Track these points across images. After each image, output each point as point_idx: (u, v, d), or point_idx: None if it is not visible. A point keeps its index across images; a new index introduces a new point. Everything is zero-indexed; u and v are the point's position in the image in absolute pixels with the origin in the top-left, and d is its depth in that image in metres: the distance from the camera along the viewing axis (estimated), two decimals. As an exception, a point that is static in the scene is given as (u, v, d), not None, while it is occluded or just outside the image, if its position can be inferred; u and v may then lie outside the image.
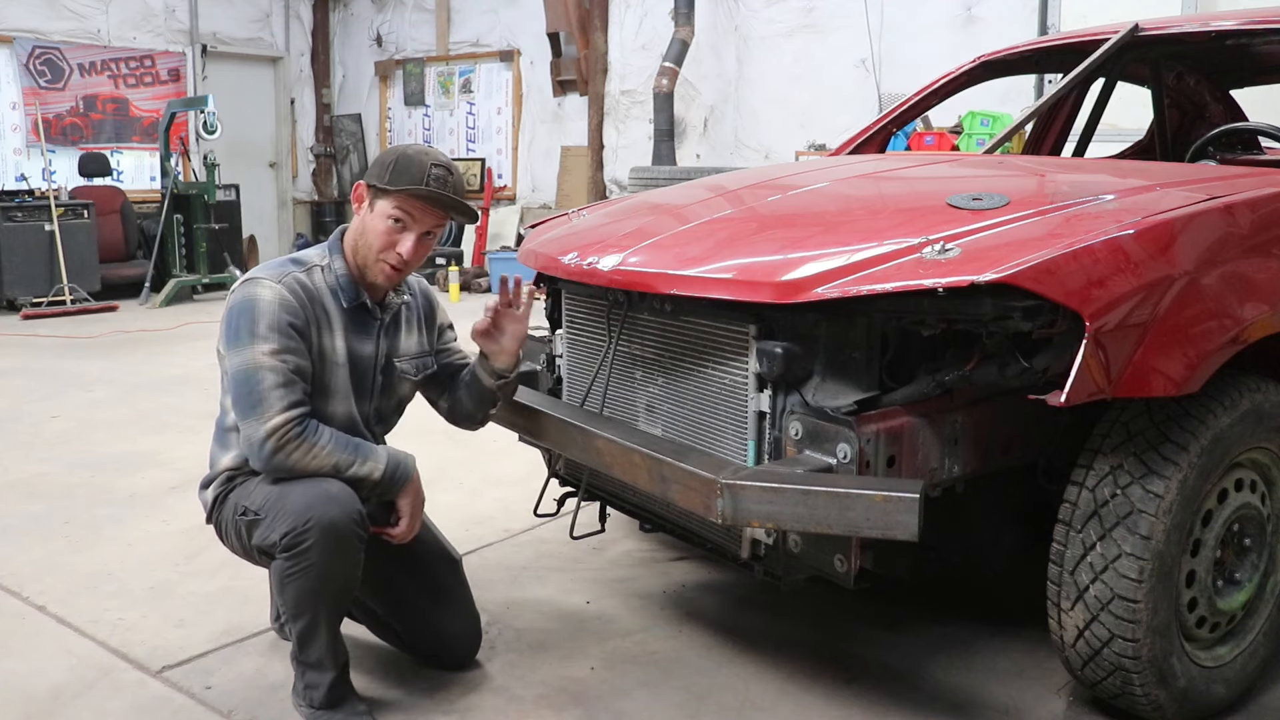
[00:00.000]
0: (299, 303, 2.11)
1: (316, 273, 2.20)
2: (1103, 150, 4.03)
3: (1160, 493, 1.96)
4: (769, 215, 2.51)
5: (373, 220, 2.18)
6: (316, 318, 2.15)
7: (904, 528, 1.78)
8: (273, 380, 2.04)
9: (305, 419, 2.05)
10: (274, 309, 2.07)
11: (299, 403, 2.05)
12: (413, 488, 2.22)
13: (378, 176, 2.18)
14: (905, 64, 7.43)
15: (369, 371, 2.28)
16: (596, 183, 9.38)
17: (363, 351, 2.25)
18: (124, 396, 5.28)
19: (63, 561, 3.10)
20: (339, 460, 2.07)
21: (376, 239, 2.17)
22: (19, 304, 8.04)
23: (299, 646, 2.13)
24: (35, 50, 9.48)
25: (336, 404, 2.21)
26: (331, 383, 2.20)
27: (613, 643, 2.59)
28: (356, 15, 11.78)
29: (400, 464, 2.18)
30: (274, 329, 2.06)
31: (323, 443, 2.06)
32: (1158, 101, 3.67)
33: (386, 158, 2.19)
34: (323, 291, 2.19)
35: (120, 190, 9.49)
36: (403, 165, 2.16)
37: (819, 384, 2.08)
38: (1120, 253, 1.88)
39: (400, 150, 2.20)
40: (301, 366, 2.09)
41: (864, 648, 2.55)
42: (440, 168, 2.18)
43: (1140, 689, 2.04)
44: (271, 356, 2.05)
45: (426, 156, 2.18)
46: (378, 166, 2.19)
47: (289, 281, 2.13)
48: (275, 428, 2.02)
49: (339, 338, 2.19)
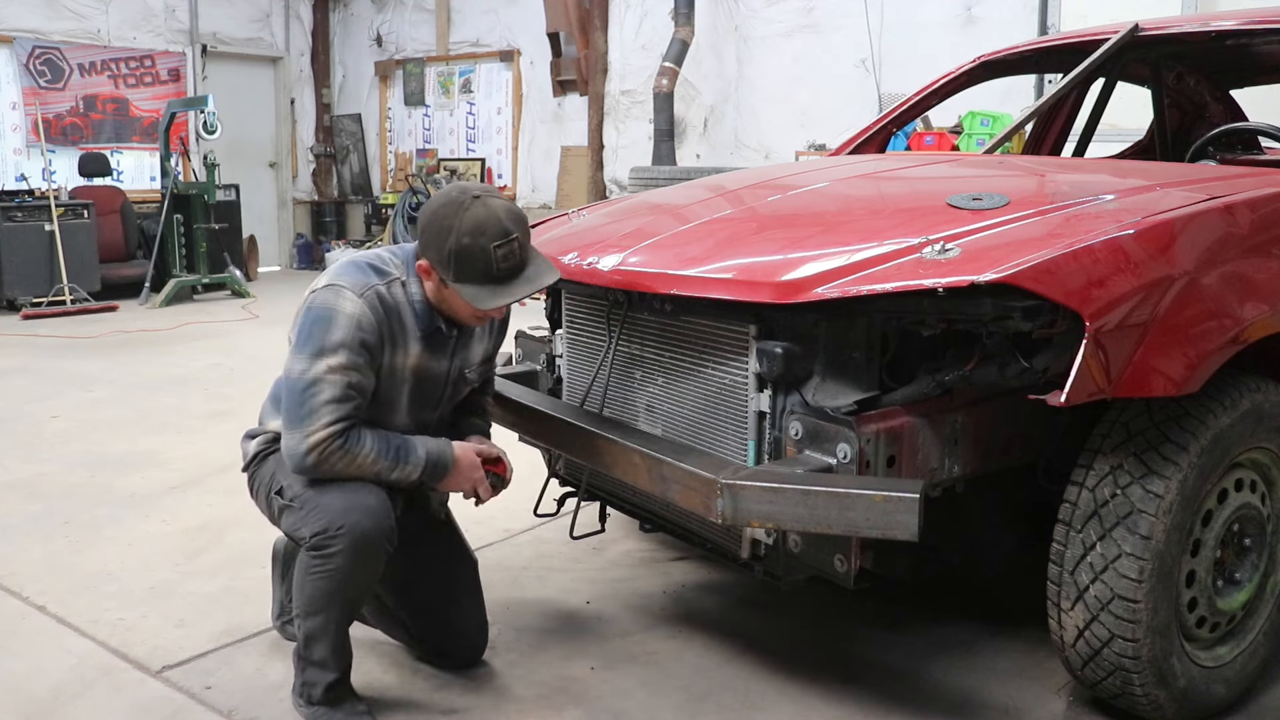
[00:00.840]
0: (377, 320, 2.06)
1: (396, 286, 2.12)
2: (1103, 150, 4.03)
3: (1160, 493, 1.96)
4: (769, 215, 2.51)
5: (452, 298, 2.10)
6: (392, 335, 2.11)
7: (904, 528, 1.78)
8: (328, 395, 2.01)
9: (349, 430, 2.03)
10: (350, 325, 2.02)
11: (347, 417, 2.02)
12: (455, 477, 2.19)
13: (439, 266, 2.05)
14: (905, 64, 7.42)
15: (439, 386, 2.26)
16: (596, 183, 9.37)
17: (435, 369, 2.22)
18: (124, 396, 5.28)
19: (63, 561, 3.10)
20: (380, 469, 2.06)
21: (463, 311, 2.12)
22: (19, 304, 8.03)
23: (305, 643, 2.13)
24: (35, 50, 9.48)
25: (397, 416, 2.20)
26: (395, 397, 2.18)
27: (613, 643, 2.59)
28: (356, 15, 11.78)
29: (437, 462, 2.15)
30: (345, 345, 2.02)
31: (365, 451, 2.04)
32: (1158, 101, 3.67)
33: (441, 243, 2.02)
34: (401, 307, 2.12)
35: (120, 190, 9.48)
36: (464, 260, 2.01)
37: (819, 384, 2.08)
38: (1120, 253, 1.88)
39: (452, 234, 2.00)
40: (362, 384, 2.05)
41: (864, 648, 2.55)
42: (505, 245, 2.01)
43: (1140, 689, 2.04)
44: (334, 372, 2.01)
45: (485, 238, 1.99)
46: (433, 249, 2.05)
47: (370, 296, 2.06)
48: (318, 442, 2.00)
49: (410, 356, 2.15)
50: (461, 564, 2.45)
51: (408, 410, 2.21)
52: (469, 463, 2.22)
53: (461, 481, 2.22)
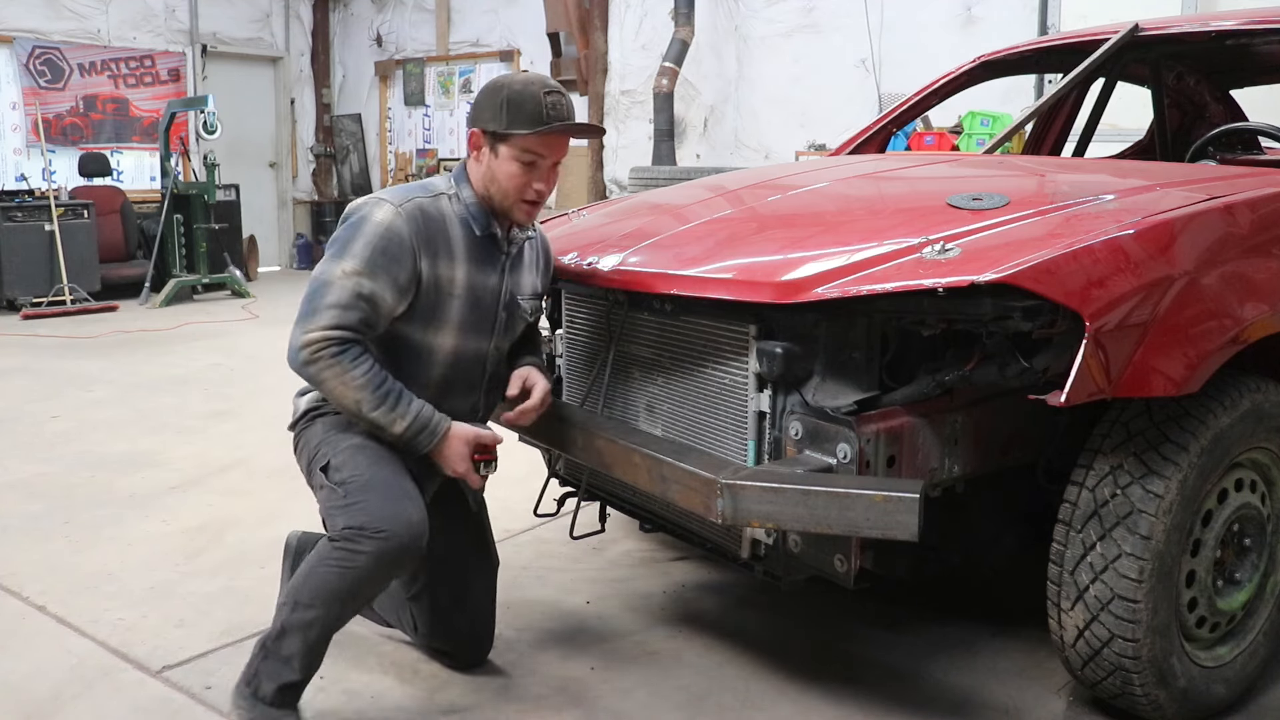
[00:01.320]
0: (412, 229, 2.05)
1: (444, 200, 2.14)
2: (1103, 150, 4.03)
3: (1160, 493, 1.96)
4: (769, 215, 2.51)
5: (500, 165, 2.12)
6: (433, 245, 2.09)
7: (904, 528, 1.78)
8: (334, 297, 1.99)
9: (349, 343, 1.99)
10: (377, 232, 2.02)
11: (349, 325, 1.99)
12: (443, 453, 2.11)
13: (492, 120, 2.10)
14: (905, 64, 7.42)
15: (493, 306, 2.22)
16: (596, 183, 9.37)
17: (486, 284, 2.19)
18: (124, 396, 5.28)
19: (63, 561, 3.10)
20: (363, 399, 2.00)
21: (510, 182, 2.11)
22: (19, 304, 8.03)
23: (279, 633, 2.01)
24: (35, 50, 9.48)
25: (446, 336, 2.16)
26: (444, 313, 2.14)
27: (613, 643, 2.59)
28: (356, 15, 11.78)
29: (425, 426, 2.07)
30: (366, 249, 2.01)
31: (356, 374, 1.98)
32: (1158, 101, 3.67)
33: (494, 98, 2.10)
34: (449, 220, 2.13)
35: (120, 190, 9.49)
36: (515, 103, 2.07)
37: (819, 384, 2.08)
38: (1120, 253, 1.88)
39: (505, 85, 2.10)
40: (375, 294, 2.02)
41: (864, 648, 2.55)
42: (553, 94, 2.10)
43: (1140, 689, 2.04)
44: (347, 276, 1.99)
45: (534, 86, 2.09)
46: (488, 110, 2.11)
47: (410, 208, 2.07)
48: (312, 341, 1.98)
49: (459, 268, 2.13)
50: (482, 566, 2.41)
51: (458, 330, 2.17)
52: (458, 450, 2.13)
53: (448, 462, 2.15)
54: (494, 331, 2.25)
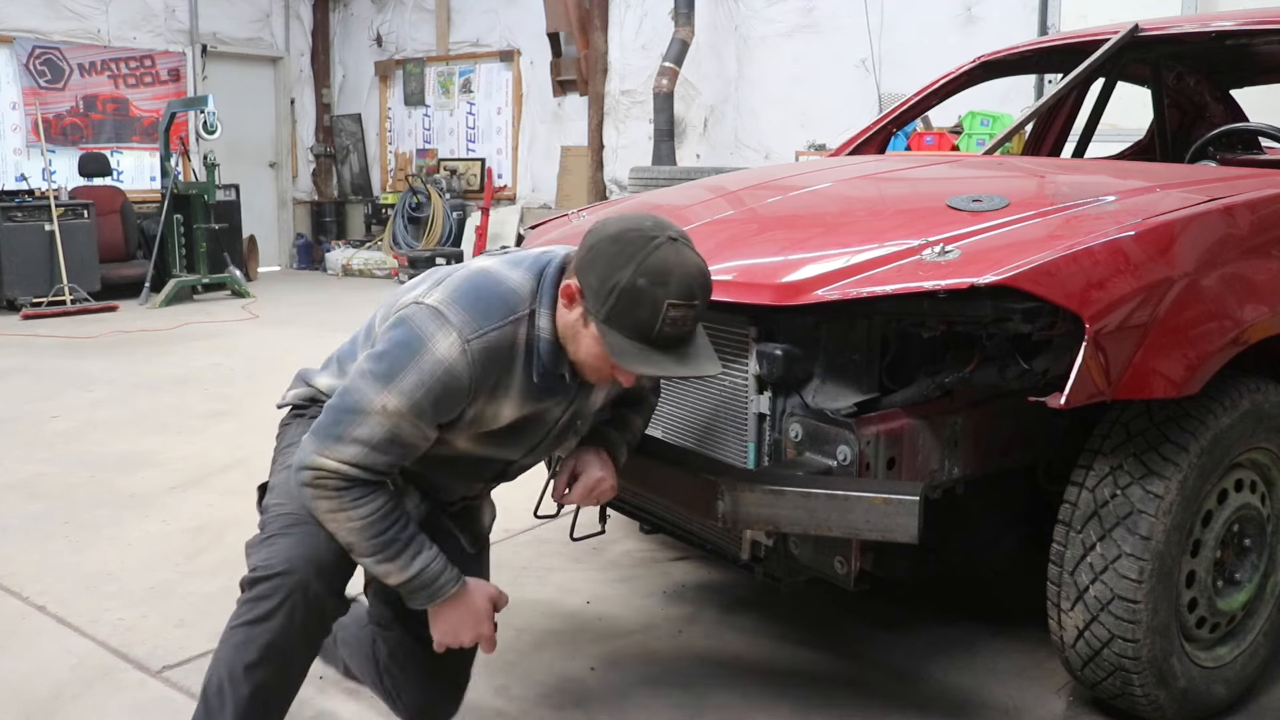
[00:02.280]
0: (475, 374, 1.70)
1: (523, 326, 1.75)
2: (1103, 150, 4.03)
3: (1160, 493, 1.96)
4: (769, 216, 2.52)
5: (585, 340, 1.71)
6: (492, 387, 1.75)
7: (904, 530, 1.78)
8: (366, 433, 1.67)
9: (358, 484, 1.69)
10: (435, 373, 1.67)
11: (371, 468, 1.69)
12: (455, 613, 1.78)
13: (594, 297, 1.66)
14: (905, 64, 7.42)
15: (540, 430, 1.89)
16: (596, 183, 9.37)
17: (544, 416, 1.86)
18: (124, 396, 5.28)
19: (63, 561, 3.10)
20: (355, 542, 1.70)
21: (591, 359, 1.73)
22: (19, 304, 8.03)
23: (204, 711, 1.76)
24: (35, 50, 9.47)
25: (459, 442, 1.84)
26: (478, 440, 1.84)
27: (613, 643, 2.59)
28: (356, 15, 11.78)
29: (429, 585, 1.74)
30: (418, 390, 1.67)
31: (356, 515, 1.69)
32: (1158, 101, 3.67)
33: (609, 270, 1.63)
34: (518, 354, 1.75)
35: (120, 190, 9.48)
36: (627, 302, 1.62)
37: (819, 386, 2.08)
38: (1120, 254, 1.88)
39: (629, 266, 1.62)
40: (411, 439, 1.71)
41: (864, 648, 2.55)
42: (681, 309, 1.63)
43: (1140, 689, 2.05)
44: (387, 415, 1.67)
45: (666, 290, 1.61)
46: (595, 277, 1.65)
47: (476, 348, 1.69)
48: (323, 468, 1.68)
49: (509, 405, 1.79)
50: None
51: (476, 443, 1.85)
52: (476, 607, 1.79)
53: (460, 624, 1.79)
54: (528, 448, 1.92)
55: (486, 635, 1.83)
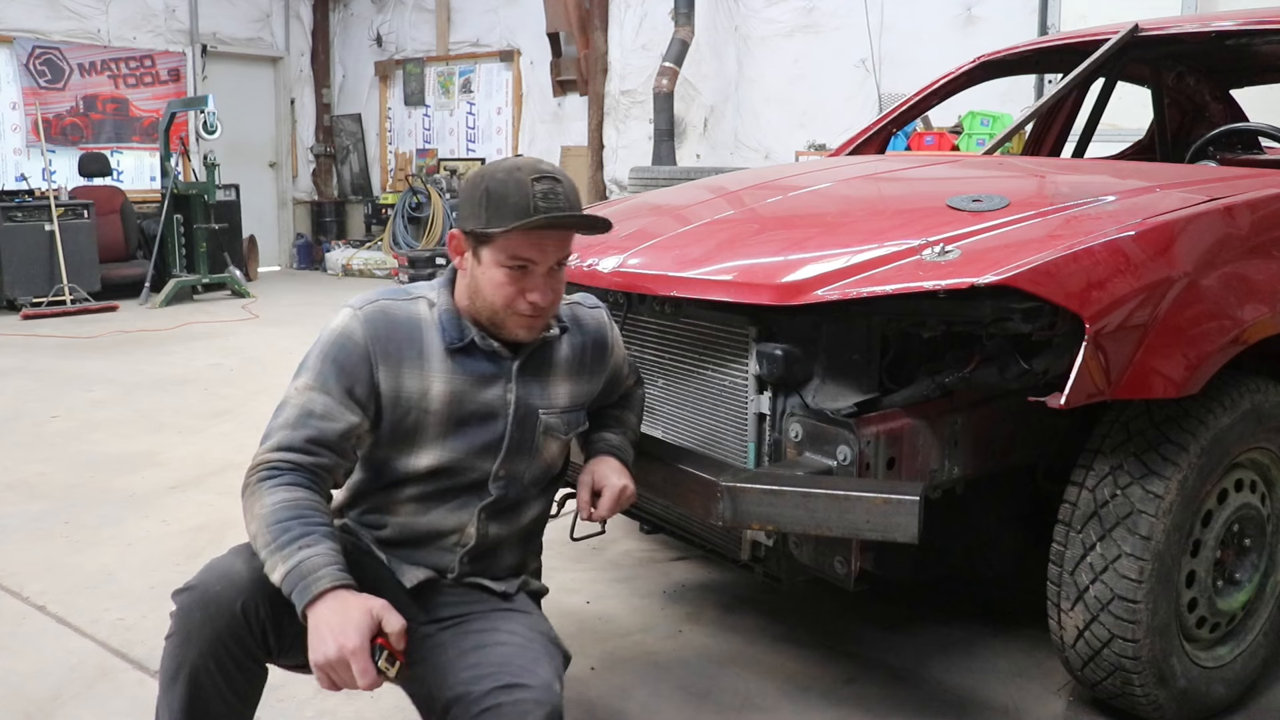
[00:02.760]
0: (370, 334, 1.74)
1: (421, 304, 1.81)
2: (1103, 150, 4.03)
3: (1160, 493, 1.96)
4: (769, 216, 2.52)
5: (484, 273, 1.74)
6: (399, 355, 1.75)
7: (904, 530, 1.78)
8: (284, 416, 1.69)
9: (285, 470, 1.64)
10: (331, 339, 1.74)
11: (293, 446, 1.66)
12: (317, 627, 1.49)
13: (472, 218, 1.72)
14: (905, 64, 7.42)
15: (492, 421, 1.81)
16: (596, 183, 9.37)
17: (479, 398, 1.79)
18: (124, 396, 5.28)
19: (63, 561, 3.10)
20: (256, 533, 1.60)
21: (497, 293, 1.73)
22: (19, 304, 8.03)
23: None
24: (35, 50, 9.48)
25: (422, 457, 1.78)
26: (418, 433, 1.77)
27: (613, 643, 2.59)
28: (356, 15, 11.78)
29: (298, 581, 1.52)
30: (319, 360, 1.73)
31: (265, 503, 1.60)
32: (1158, 101, 3.67)
33: (474, 192, 1.73)
34: (424, 325, 1.78)
35: (120, 190, 9.48)
36: (498, 196, 1.69)
37: (819, 386, 2.08)
38: (1120, 254, 1.88)
39: (487, 176, 1.73)
40: (330, 410, 1.69)
41: (864, 648, 2.55)
42: (545, 180, 1.71)
43: (1140, 689, 2.05)
44: (300, 392, 1.71)
45: (522, 173, 1.71)
46: (468, 205, 1.74)
47: (370, 309, 1.76)
48: (252, 466, 1.66)
49: (433, 379, 1.76)
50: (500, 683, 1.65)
51: (439, 450, 1.78)
52: (349, 616, 1.49)
53: (325, 634, 1.47)
54: (501, 453, 1.82)
55: (351, 649, 1.45)
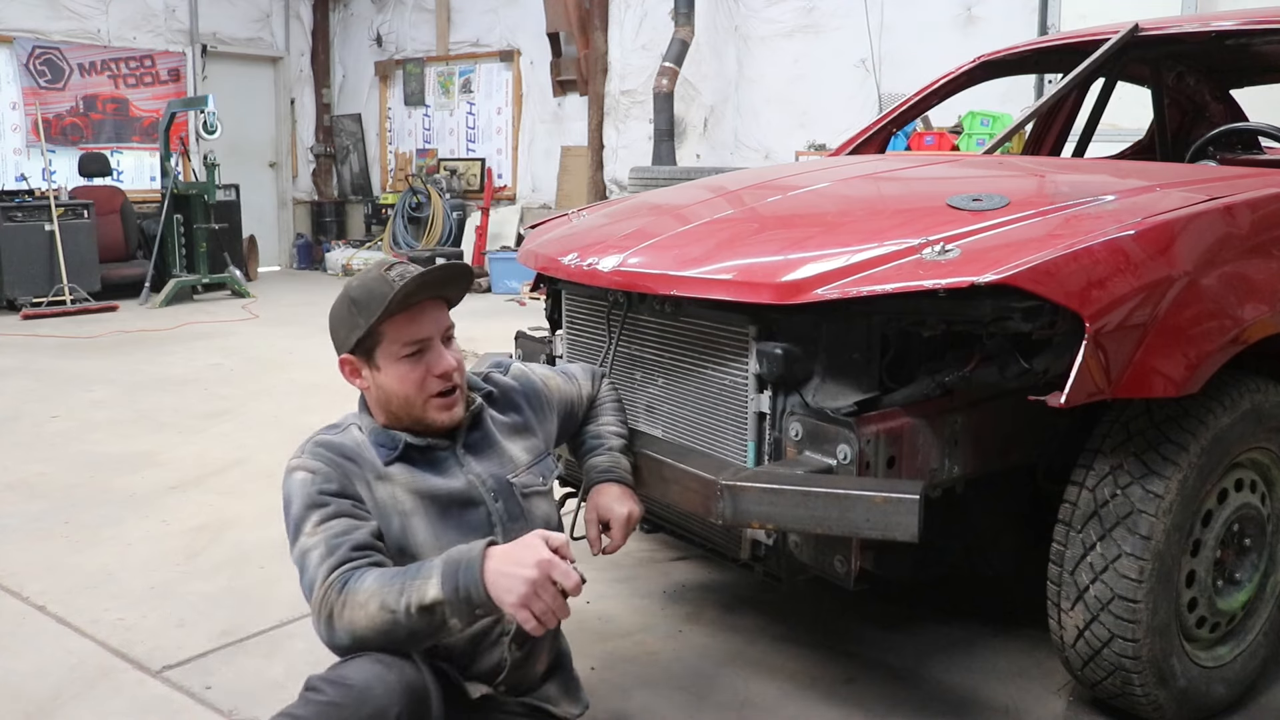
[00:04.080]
0: (326, 461, 1.81)
1: (353, 429, 1.89)
2: (1103, 150, 4.03)
3: (1160, 493, 1.96)
4: (769, 216, 2.51)
5: (386, 376, 1.83)
6: (361, 473, 1.82)
7: (904, 529, 1.78)
8: (317, 555, 1.72)
9: (349, 573, 1.69)
10: (301, 486, 1.79)
11: (343, 561, 1.70)
12: (508, 570, 1.61)
13: (350, 332, 1.83)
14: (905, 64, 7.43)
15: (477, 505, 1.88)
16: (596, 183, 9.37)
17: (445, 486, 1.86)
18: (124, 396, 5.28)
19: (63, 561, 3.10)
20: (384, 598, 1.64)
21: (408, 388, 1.82)
22: (19, 304, 8.03)
23: None
24: (35, 50, 9.48)
25: (428, 550, 1.81)
26: (408, 535, 1.82)
27: (613, 643, 2.59)
28: (356, 15, 11.78)
29: (460, 561, 1.64)
30: (306, 505, 1.77)
31: (364, 587, 1.65)
32: (1158, 101, 3.67)
33: (341, 312, 1.85)
34: (363, 447, 1.86)
35: (120, 190, 9.49)
36: (362, 300, 1.81)
37: (819, 385, 2.08)
38: (1120, 253, 1.88)
39: (345, 294, 1.85)
40: (350, 527, 1.75)
41: (864, 648, 2.55)
42: (395, 267, 1.83)
43: (1140, 689, 2.05)
44: (313, 534, 1.74)
45: (373, 272, 1.83)
46: (342, 327, 1.85)
47: (310, 448, 1.83)
48: (318, 600, 1.68)
49: (395, 486, 1.83)
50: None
51: (440, 547, 1.78)
52: (523, 542, 1.65)
53: (513, 579, 1.60)
54: (496, 529, 1.88)
55: (547, 560, 1.61)
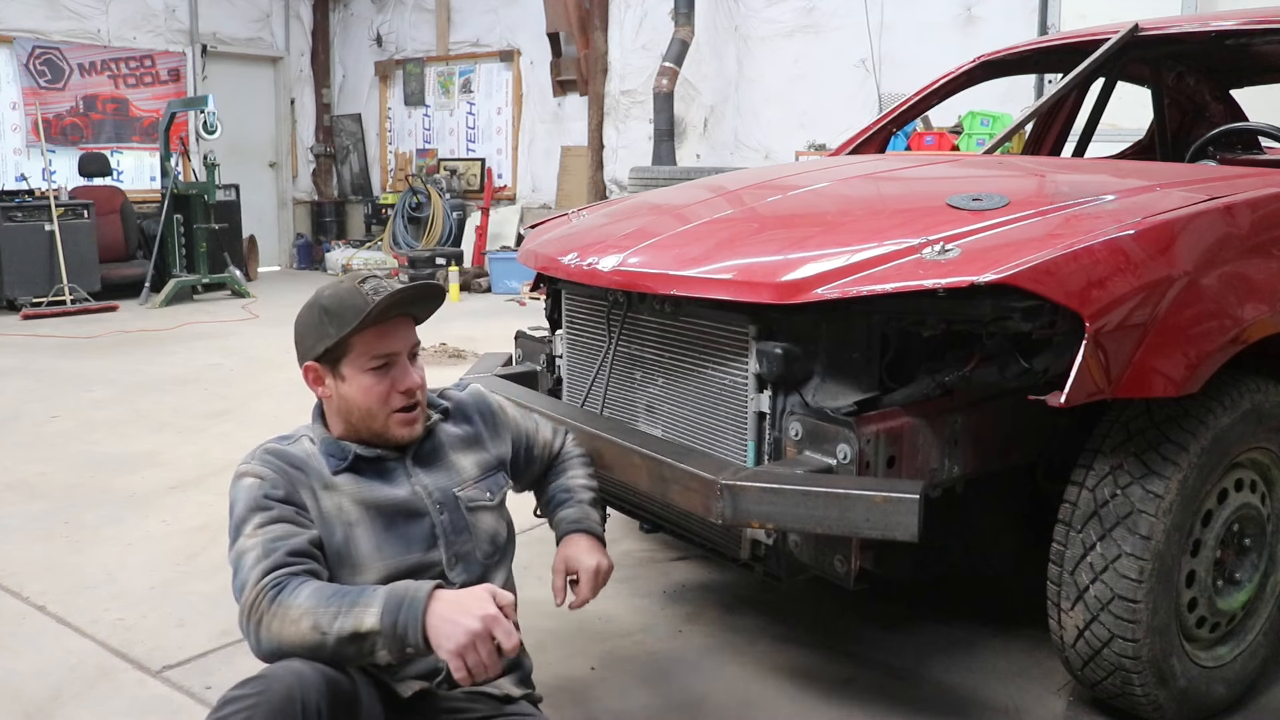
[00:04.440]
0: (273, 468, 1.79)
1: (304, 441, 1.87)
2: (1103, 150, 4.03)
3: (1160, 493, 1.96)
4: (769, 215, 2.51)
5: (350, 386, 1.81)
6: (308, 481, 1.80)
7: (904, 528, 1.78)
8: (253, 556, 1.69)
9: (284, 579, 1.65)
10: (246, 489, 1.77)
11: (277, 565, 1.67)
12: (449, 618, 1.56)
13: (318, 340, 1.81)
14: (905, 64, 7.43)
15: (422, 517, 1.85)
16: (596, 183, 9.37)
17: (391, 496, 1.84)
18: (124, 396, 5.28)
19: (63, 561, 3.10)
20: (318, 618, 1.59)
21: (370, 400, 1.81)
22: (19, 304, 8.03)
23: None
24: (35, 50, 9.48)
25: (369, 572, 1.78)
26: (354, 549, 1.79)
27: (613, 643, 2.59)
28: (356, 15, 11.78)
29: (404, 598, 1.58)
30: (249, 508, 1.75)
31: (298, 602, 1.60)
32: (1158, 101, 3.67)
33: (310, 318, 1.83)
34: (311, 457, 1.84)
35: (120, 190, 9.49)
36: (335, 311, 1.79)
37: (819, 384, 2.08)
38: (1120, 253, 1.88)
39: (317, 301, 1.83)
40: (289, 534, 1.72)
41: (864, 648, 2.55)
42: (370, 280, 1.82)
43: (1140, 689, 2.04)
44: (252, 536, 1.71)
45: (347, 283, 1.83)
46: (311, 333, 1.82)
47: (260, 454, 1.82)
48: (248, 603, 1.64)
49: (342, 496, 1.81)
50: None
51: (381, 558, 1.79)
52: (468, 593, 1.61)
53: (458, 615, 1.56)
54: (439, 541, 1.86)
55: (492, 615, 1.56)
